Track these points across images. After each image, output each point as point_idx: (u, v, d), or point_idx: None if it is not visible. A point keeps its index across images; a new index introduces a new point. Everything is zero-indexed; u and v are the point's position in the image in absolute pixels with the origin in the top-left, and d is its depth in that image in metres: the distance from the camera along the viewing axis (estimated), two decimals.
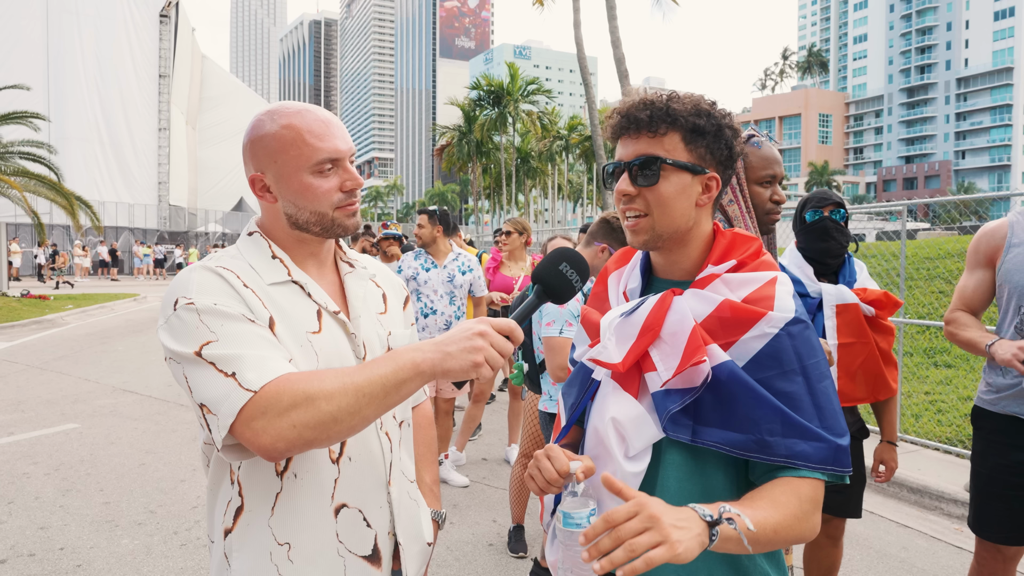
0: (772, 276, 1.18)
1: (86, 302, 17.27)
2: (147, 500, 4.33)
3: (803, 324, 1.14)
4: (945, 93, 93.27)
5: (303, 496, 1.18)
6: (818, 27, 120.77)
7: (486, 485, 4.73)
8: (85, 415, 6.44)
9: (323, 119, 1.22)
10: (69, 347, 10.70)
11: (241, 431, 1.02)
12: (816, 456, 1.08)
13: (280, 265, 1.24)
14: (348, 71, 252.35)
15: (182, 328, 1.09)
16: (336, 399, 1.02)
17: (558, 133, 52.10)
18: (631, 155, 1.21)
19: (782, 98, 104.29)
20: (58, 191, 17.52)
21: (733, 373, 1.11)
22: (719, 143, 1.20)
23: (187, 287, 1.13)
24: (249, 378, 1.03)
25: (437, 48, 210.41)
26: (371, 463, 1.25)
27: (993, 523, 2.28)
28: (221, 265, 1.18)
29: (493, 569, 3.49)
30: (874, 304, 2.45)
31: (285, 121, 1.20)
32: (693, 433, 1.13)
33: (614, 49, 20.35)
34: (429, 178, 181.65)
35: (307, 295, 1.24)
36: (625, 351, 1.20)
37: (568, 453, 1.18)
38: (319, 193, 1.21)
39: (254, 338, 1.09)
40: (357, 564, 1.23)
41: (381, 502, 1.27)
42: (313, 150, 1.19)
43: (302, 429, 1.01)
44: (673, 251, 1.25)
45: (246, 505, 1.18)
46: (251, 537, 1.18)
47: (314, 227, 1.24)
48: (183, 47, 41.16)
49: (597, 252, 2.99)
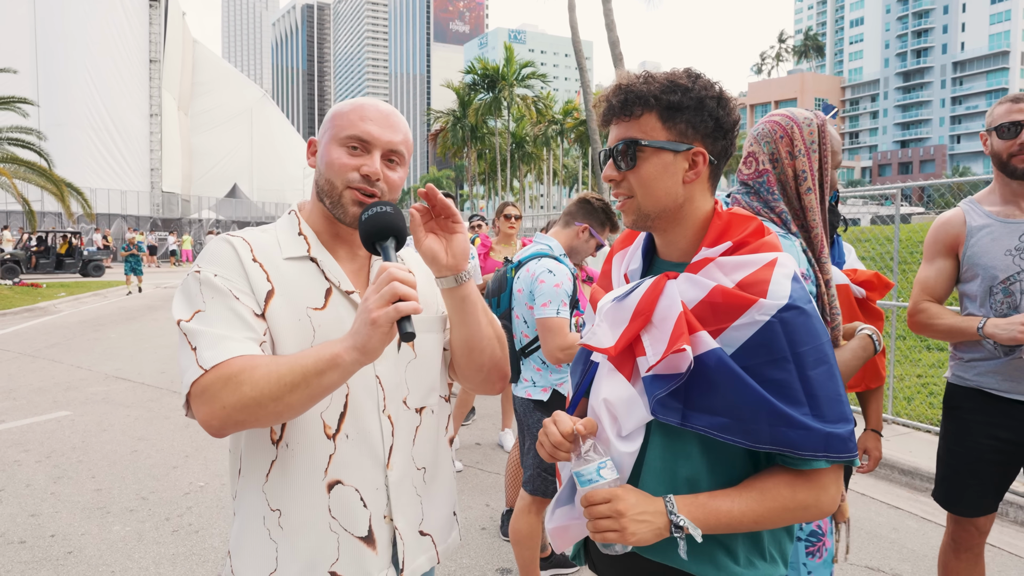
0: (771, 258, 1.15)
1: (79, 289, 17.20)
2: (139, 487, 4.32)
3: (797, 310, 1.12)
4: (941, 77, 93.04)
5: (295, 467, 1.22)
6: (815, 10, 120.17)
7: (479, 470, 4.74)
8: (77, 402, 6.42)
9: (382, 110, 1.29)
10: (61, 335, 10.66)
11: (192, 403, 1.13)
12: (804, 444, 1.08)
13: (303, 242, 1.29)
14: (341, 56, 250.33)
15: (187, 293, 1.20)
16: (260, 386, 1.08)
17: (553, 118, 51.86)
18: (613, 140, 1.23)
19: (778, 82, 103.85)
20: (48, 178, 17.39)
21: (720, 360, 1.11)
22: (700, 116, 1.17)
23: (205, 255, 1.24)
24: (205, 356, 1.11)
25: (431, 32, 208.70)
26: (369, 444, 1.25)
27: (970, 499, 2.32)
28: (243, 237, 1.26)
29: (486, 552, 3.50)
30: (865, 285, 2.43)
31: (355, 103, 1.31)
32: (683, 417, 1.13)
33: (608, 33, 20.21)
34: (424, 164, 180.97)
35: (321, 272, 1.27)
36: (617, 335, 1.20)
37: (572, 417, 1.21)
38: (337, 163, 1.26)
39: (229, 316, 1.16)
40: (351, 543, 1.23)
41: (378, 484, 1.26)
42: (349, 124, 1.26)
43: (230, 410, 1.09)
44: (668, 231, 1.24)
45: (243, 469, 1.26)
46: (248, 499, 1.25)
47: (326, 198, 1.28)
48: (174, 32, 40.74)
49: (577, 232, 2.96)
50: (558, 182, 61.11)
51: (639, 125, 1.19)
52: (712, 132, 1.19)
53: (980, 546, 2.36)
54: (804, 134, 1.70)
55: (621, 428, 1.18)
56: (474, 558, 3.45)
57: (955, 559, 2.38)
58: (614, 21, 20.36)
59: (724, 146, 1.22)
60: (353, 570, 1.23)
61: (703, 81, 1.20)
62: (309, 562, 1.21)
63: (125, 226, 33.13)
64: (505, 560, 3.43)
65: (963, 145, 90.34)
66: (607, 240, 3.07)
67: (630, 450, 1.17)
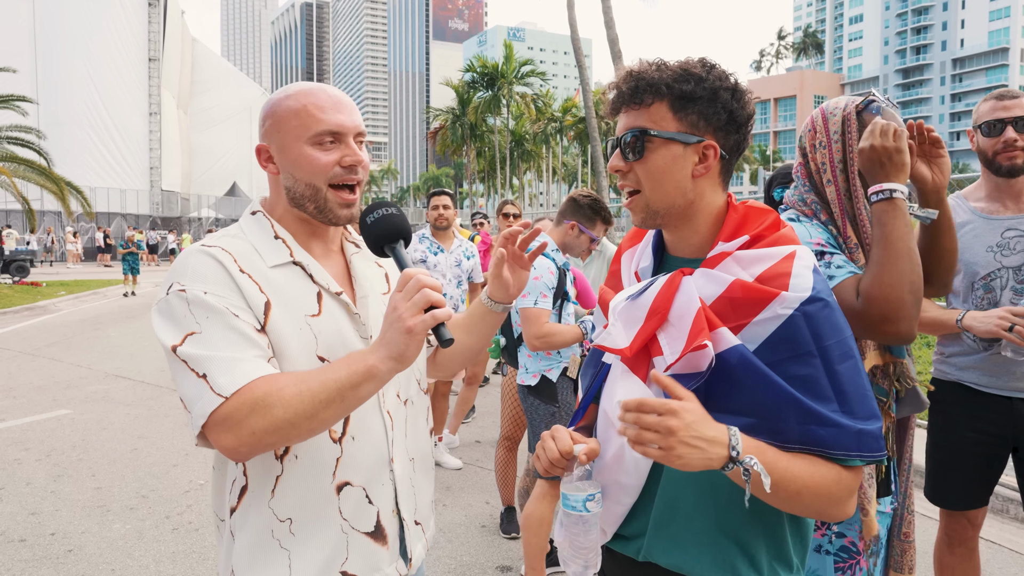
0: (790, 251, 1.11)
1: (79, 288, 17.20)
2: (139, 485, 4.32)
3: (821, 303, 1.08)
4: (940, 74, 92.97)
5: (304, 476, 1.19)
6: (814, 7, 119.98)
7: (479, 467, 4.74)
8: (77, 401, 6.42)
9: (332, 95, 1.22)
10: (61, 333, 10.66)
11: (209, 432, 1.07)
12: (835, 442, 1.04)
13: (283, 246, 1.23)
14: (340, 54, 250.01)
15: (170, 315, 1.11)
16: (292, 406, 1.05)
17: (552, 116, 51.81)
18: (622, 129, 1.18)
19: (777, 79, 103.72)
20: (48, 176, 17.36)
21: (743, 357, 1.07)
22: (713, 108, 1.13)
23: (183, 271, 1.14)
24: (221, 383, 1.05)
25: (430, 30, 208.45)
26: (373, 442, 1.25)
27: (957, 493, 2.34)
28: (221, 246, 1.18)
29: (486, 550, 3.50)
30: None
31: (294, 94, 1.23)
32: None
33: (607, 30, 20.21)
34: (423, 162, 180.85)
35: (308, 276, 1.23)
36: (632, 335, 1.16)
37: (574, 435, 1.17)
38: (316, 164, 1.20)
39: (233, 336, 1.10)
40: (360, 541, 1.23)
41: (384, 480, 1.27)
42: (315, 121, 1.20)
43: (261, 435, 1.05)
44: (679, 227, 1.20)
45: (250, 485, 1.20)
46: (253, 516, 1.20)
47: (308, 203, 1.23)
48: (173, 30, 40.68)
49: (567, 230, 3.10)
50: (557, 180, 61.06)
51: (649, 114, 1.14)
52: (725, 125, 1.14)
53: (974, 540, 2.38)
54: (828, 125, 1.65)
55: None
56: (474, 555, 3.45)
57: (949, 554, 2.40)
58: (613, 19, 20.36)
59: (737, 140, 1.17)
60: (364, 567, 1.23)
61: (718, 71, 1.15)
62: (323, 565, 1.20)
63: (125, 224, 33.10)
64: (505, 557, 3.43)
65: (962, 142, 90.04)
66: (599, 235, 3.20)
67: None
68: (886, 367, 1.62)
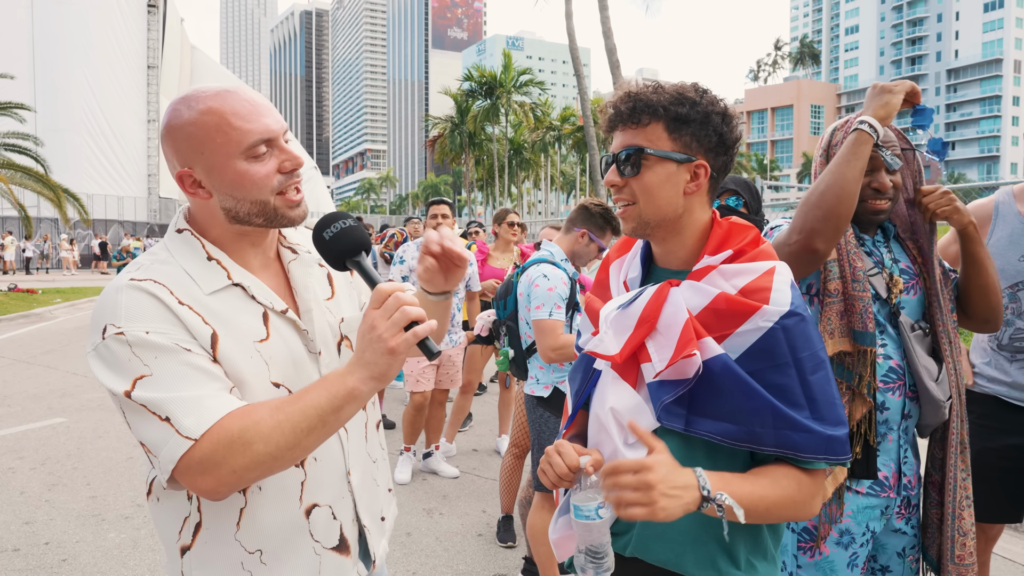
0: (770, 266, 1.19)
1: (75, 296, 17.15)
2: (134, 494, 4.30)
3: (798, 317, 1.15)
4: (935, 84, 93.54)
5: (270, 505, 1.16)
6: (810, 18, 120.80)
7: (476, 476, 4.73)
8: (72, 409, 6.39)
9: (247, 99, 1.11)
10: (57, 341, 10.63)
11: (181, 477, 1.01)
12: (807, 446, 1.11)
13: (218, 268, 1.14)
14: (340, 62, 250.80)
15: (113, 360, 1.03)
16: (273, 439, 1.01)
17: (551, 124, 52.00)
18: (618, 147, 1.25)
19: (774, 89, 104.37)
20: (45, 184, 17.37)
21: (726, 366, 1.14)
22: (706, 130, 1.21)
23: (115, 311, 1.04)
24: (187, 424, 1.00)
25: (429, 39, 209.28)
26: (332, 459, 1.24)
27: (979, 505, 2.30)
28: (152, 278, 1.08)
29: (482, 559, 3.50)
30: None
31: (204, 106, 1.08)
32: (686, 423, 1.16)
33: (605, 40, 20.34)
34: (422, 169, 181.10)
35: (251, 297, 1.16)
36: (622, 343, 1.22)
37: (578, 448, 1.22)
38: (257, 180, 1.11)
39: (190, 372, 1.03)
40: (329, 558, 1.23)
41: (344, 493, 1.26)
42: (243, 133, 1.09)
43: (242, 473, 1.01)
44: (667, 239, 1.27)
45: (204, 522, 1.14)
46: (216, 552, 1.15)
47: (256, 219, 1.15)
48: (172, 38, 40.76)
49: (577, 238, 3.07)
50: (556, 188, 61.20)
51: (645, 134, 1.22)
52: (715, 147, 1.22)
53: (986, 554, 2.35)
54: (828, 138, 1.76)
55: (628, 436, 1.20)
56: (470, 564, 3.44)
57: None
58: (611, 29, 20.48)
59: (725, 161, 1.25)
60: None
61: (710, 96, 1.23)
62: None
63: (122, 232, 33.07)
64: (501, 566, 3.42)
65: (958, 152, 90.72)
66: (608, 245, 3.17)
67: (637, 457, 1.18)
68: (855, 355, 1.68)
